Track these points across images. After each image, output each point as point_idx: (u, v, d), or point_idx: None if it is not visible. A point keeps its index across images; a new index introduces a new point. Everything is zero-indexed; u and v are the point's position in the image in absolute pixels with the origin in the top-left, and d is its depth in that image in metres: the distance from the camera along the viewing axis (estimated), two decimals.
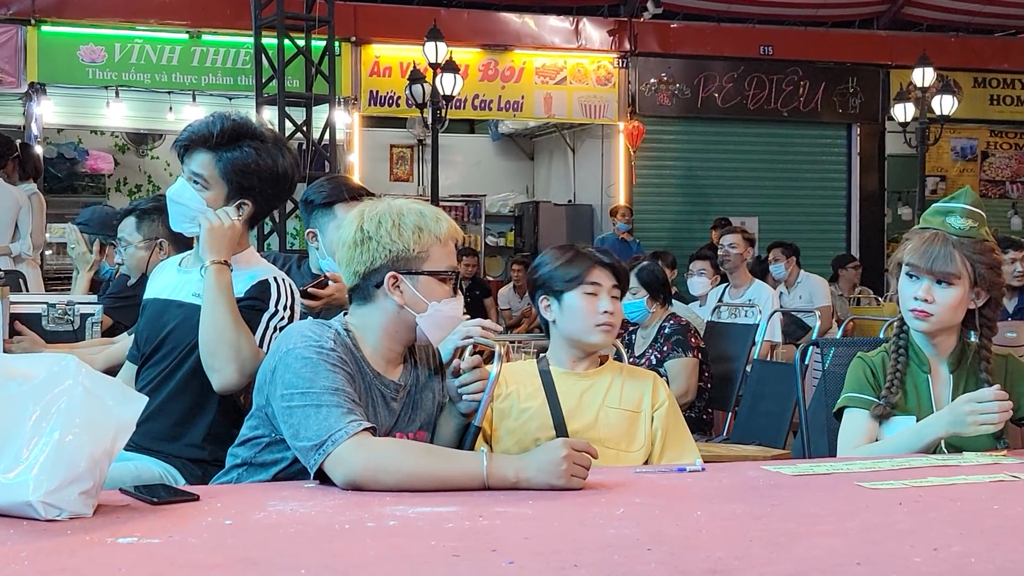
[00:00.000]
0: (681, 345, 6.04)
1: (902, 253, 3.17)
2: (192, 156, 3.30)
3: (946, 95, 14.33)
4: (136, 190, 15.73)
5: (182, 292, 3.36)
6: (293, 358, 2.56)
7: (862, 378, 3.21)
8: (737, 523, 2.20)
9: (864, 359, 3.25)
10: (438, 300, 2.72)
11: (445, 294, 2.73)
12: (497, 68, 14.46)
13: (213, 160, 3.28)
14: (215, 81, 13.51)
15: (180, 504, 2.27)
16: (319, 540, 2.02)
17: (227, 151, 3.27)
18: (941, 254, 3.08)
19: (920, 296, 3.11)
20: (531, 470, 2.43)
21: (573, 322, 3.31)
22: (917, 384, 3.20)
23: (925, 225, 3.17)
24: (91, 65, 13.06)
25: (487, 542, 2.00)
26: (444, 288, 2.73)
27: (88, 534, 2.02)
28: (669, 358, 6.02)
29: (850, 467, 2.81)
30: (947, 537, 2.07)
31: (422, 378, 2.84)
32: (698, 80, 15.11)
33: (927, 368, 3.21)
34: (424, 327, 2.75)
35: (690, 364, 6.02)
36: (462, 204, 16.22)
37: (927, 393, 3.19)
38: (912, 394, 3.18)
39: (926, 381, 3.20)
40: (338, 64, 12.89)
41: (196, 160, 3.30)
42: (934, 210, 3.18)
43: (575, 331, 3.31)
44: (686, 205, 15.09)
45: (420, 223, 2.71)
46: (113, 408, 2.18)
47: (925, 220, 3.19)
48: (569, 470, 2.42)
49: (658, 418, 3.29)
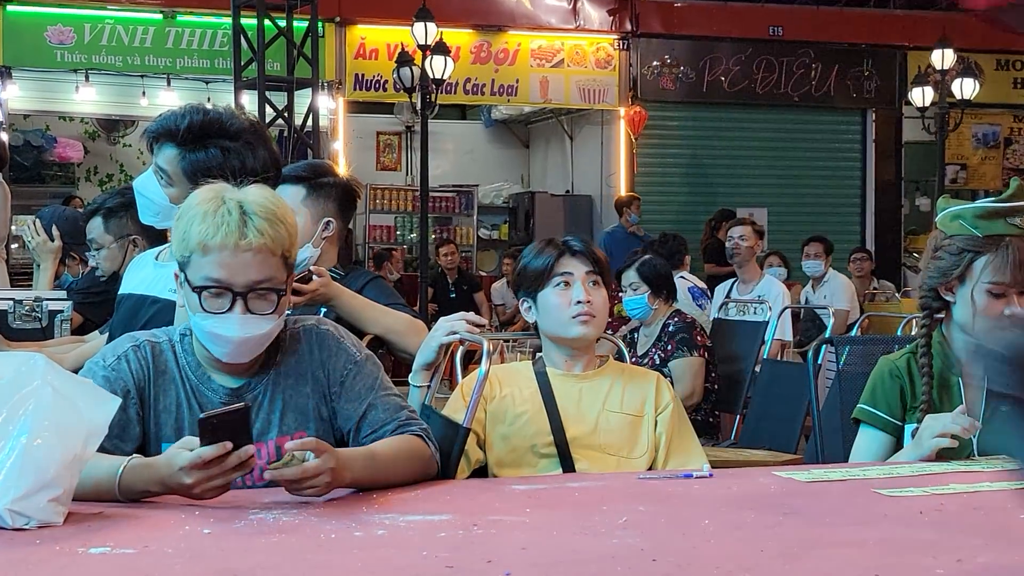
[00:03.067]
0: (686, 344, 6.05)
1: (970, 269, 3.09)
2: (161, 148, 3.29)
3: (967, 78, 14.34)
4: (107, 180, 15.74)
5: (158, 287, 3.36)
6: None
7: (882, 389, 3.18)
8: (747, 533, 2.20)
9: (889, 364, 3.22)
10: (194, 312, 2.58)
11: (196, 309, 2.57)
12: (490, 50, 14.47)
13: (178, 157, 3.27)
14: (191, 64, 13.51)
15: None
16: (303, 550, 2.01)
17: (192, 151, 3.25)
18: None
19: (1016, 312, 3.08)
20: (161, 489, 2.37)
21: (549, 318, 3.30)
22: (949, 386, 3.18)
23: (985, 230, 3.09)
24: (59, 47, 13.06)
25: (482, 552, 2.00)
26: (194, 300, 2.57)
27: (58, 544, 2.01)
28: (673, 357, 6.04)
29: (867, 473, 2.81)
30: (971, 548, 2.07)
31: (293, 375, 2.71)
32: (703, 63, 15.13)
33: (959, 371, 3.18)
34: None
35: (696, 364, 6.03)
36: (453, 195, 16.24)
37: (958, 396, 3.16)
38: (943, 398, 3.16)
39: (957, 384, 3.18)
40: (321, 46, 12.90)
41: (163, 154, 3.29)
42: (991, 211, 3.10)
43: (553, 328, 3.30)
44: (691, 196, 15.11)
45: (190, 225, 2.54)
46: (84, 410, 2.18)
47: (977, 224, 3.10)
48: (203, 493, 2.32)
49: (662, 422, 3.29)
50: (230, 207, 2.52)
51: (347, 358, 2.73)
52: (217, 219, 2.51)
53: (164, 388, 2.65)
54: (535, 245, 3.39)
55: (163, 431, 2.63)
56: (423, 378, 3.19)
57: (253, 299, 2.55)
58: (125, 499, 2.36)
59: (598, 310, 3.29)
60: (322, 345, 2.73)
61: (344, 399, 2.70)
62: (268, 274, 2.55)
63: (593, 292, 3.28)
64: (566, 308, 3.26)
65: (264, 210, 2.54)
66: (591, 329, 3.29)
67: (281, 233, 2.55)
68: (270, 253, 2.54)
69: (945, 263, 3.14)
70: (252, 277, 2.53)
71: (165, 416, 2.63)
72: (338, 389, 2.71)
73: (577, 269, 3.29)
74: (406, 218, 16.01)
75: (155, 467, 2.37)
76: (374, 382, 2.73)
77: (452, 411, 3.13)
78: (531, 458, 3.21)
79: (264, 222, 2.52)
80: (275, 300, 2.57)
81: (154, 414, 2.63)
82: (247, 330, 2.56)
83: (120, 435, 2.52)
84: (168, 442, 2.60)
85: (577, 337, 3.29)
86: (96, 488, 2.36)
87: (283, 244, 2.57)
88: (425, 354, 3.18)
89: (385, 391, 2.74)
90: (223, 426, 2.30)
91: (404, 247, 15.88)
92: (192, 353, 2.67)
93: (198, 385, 2.66)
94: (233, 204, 2.53)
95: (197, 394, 2.65)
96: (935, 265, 3.17)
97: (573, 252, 3.31)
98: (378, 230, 15.90)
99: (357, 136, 15.45)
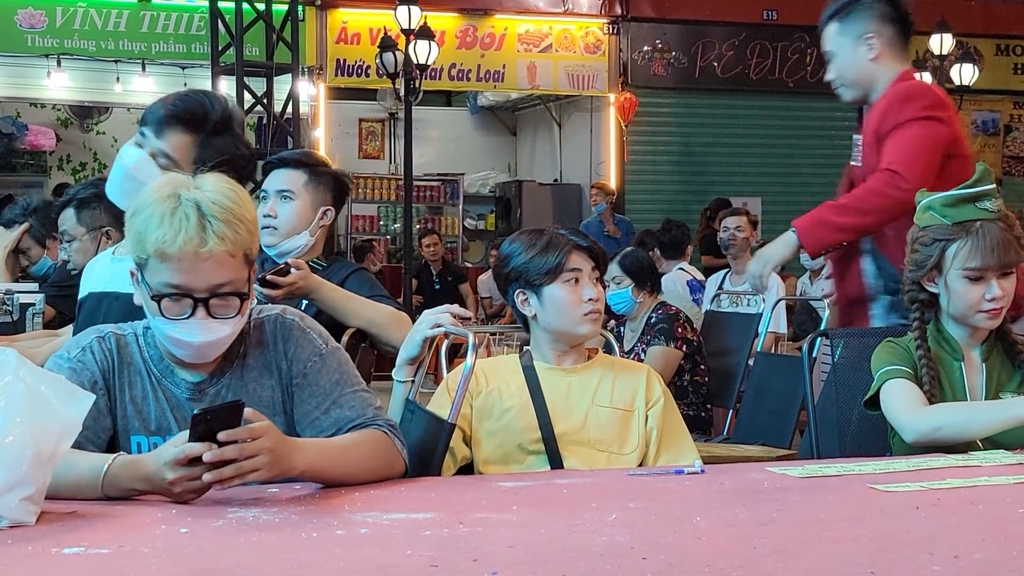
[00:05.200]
0: (664, 334, 6.09)
1: (944, 257, 3.18)
2: (168, 132, 3.27)
3: (966, 64, 14.38)
4: (80, 168, 15.69)
5: (118, 282, 3.34)
6: None
7: (897, 356, 3.22)
8: (740, 530, 2.20)
9: (895, 343, 3.28)
10: (153, 316, 2.57)
11: (156, 313, 2.55)
12: (476, 35, 14.45)
13: (192, 143, 3.27)
14: (166, 49, 13.47)
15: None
16: (284, 550, 2.01)
17: (215, 138, 3.27)
18: (1002, 245, 3.14)
19: (995, 296, 3.16)
20: (147, 486, 2.37)
21: (558, 315, 3.29)
22: (950, 373, 3.24)
23: (954, 218, 3.17)
24: (30, 31, 13.01)
25: (468, 551, 2.00)
26: (153, 305, 2.55)
27: (30, 544, 2.01)
28: (649, 346, 6.07)
29: (862, 468, 2.82)
30: (969, 543, 2.08)
31: (257, 368, 2.70)
32: (696, 48, 15.13)
33: (960, 356, 3.26)
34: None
35: (671, 355, 6.06)
36: (438, 184, 16.22)
37: (961, 383, 3.24)
38: (945, 384, 3.22)
39: (960, 369, 3.25)
40: (302, 30, 12.86)
41: (171, 138, 3.27)
42: (958, 198, 3.18)
43: (561, 324, 3.30)
44: (683, 185, 15.11)
45: (146, 227, 2.51)
46: (58, 406, 2.17)
47: (946, 212, 3.19)
48: (183, 493, 2.33)
49: (653, 416, 3.29)
50: (187, 210, 2.48)
51: (312, 350, 2.71)
52: (175, 224, 2.47)
53: (130, 380, 2.65)
54: (530, 237, 3.35)
55: (130, 423, 2.62)
56: (407, 373, 3.19)
57: (214, 303, 2.54)
58: (109, 496, 2.36)
59: (602, 308, 3.33)
60: (287, 336, 2.71)
61: (307, 391, 2.68)
62: (229, 277, 2.54)
63: (598, 290, 3.31)
64: (577, 305, 3.27)
65: (223, 211, 2.50)
66: (598, 327, 3.33)
67: (241, 234, 2.53)
68: (230, 256, 2.52)
69: (921, 255, 3.24)
70: (213, 281, 2.52)
71: (132, 408, 2.63)
72: (300, 380, 2.68)
73: (584, 265, 3.30)
74: (389, 208, 15.99)
75: (142, 463, 2.37)
76: (340, 377, 2.71)
77: (437, 407, 3.12)
78: (518, 454, 3.21)
79: (223, 225, 2.49)
80: (237, 303, 2.56)
81: (120, 406, 2.63)
82: (209, 334, 2.55)
83: (92, 427, 2.50)
84: (136, 435, 2.61)
85: (585, 334, 3.31)
86: (76, 485, 2.36)
87: (244, 245, 2.55)
88: (409, 348, 3.18)
89: (352, 387, 2.71)
90: (215, 423, 2.29)
91: (388, 238, 15.86)
92: (154, 347, 2.67)
93: (161, 379, 2.66)
94: (191, 206, 2.49)
95: (162, 387, 2.65)
96: (912, 259, 3.28)
97: (580, 248, 3.32)
98: (360, 220, 15.87)
99: (339, 123, 15.43)
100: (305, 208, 3.84)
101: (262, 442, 2.33)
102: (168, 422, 2.62)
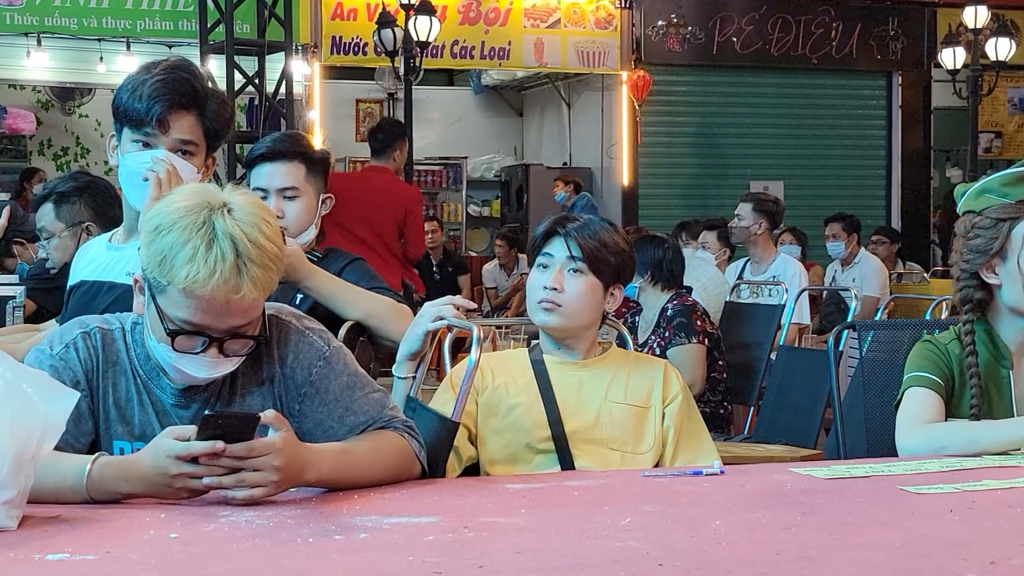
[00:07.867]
0: (684, 329, 6.02)
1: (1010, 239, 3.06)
2: (175, 121, 3.27)
3: (1002, 37, 14.33)
4: (63, 153, 15.71)
5: (114, 272, 3.35)
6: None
7: (930, 362, 3.13)
8: (762, 534, 2.21)
9: (933, 343, 3.18)
10: (159, 341, 2.53)
11: (163, 339, 2.51)
12: (480, 9, 14.43)
13: (197, 120, 3.28)
14: (152, 26, 13.46)
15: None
16: (279, 556, 2.02)
17: (208, 105, 3.30)
18: None
19: None
20: (141, 487, 2.37)
21: (528, 299, 3.33)
22: (998, 383, 3.16)
23: (1018, 195, 3.07)
24: (8, 8, 13.00)
25: (473, 557, 2.01)
26: (161, 332, 2.51)
27: (12, 550, 2.01)
28: (671, 345, 6.01)
29: (893, 469, 2.82)
30: (1005, 548, 2.08)
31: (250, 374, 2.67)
32: (713, 22, 15.10)
33: (1010, 364, 3.17)
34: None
35: (696, 352, 6.01)
36: (440, 168, 16.23)
37: (1008, 393, 3.15)
38: (993, 395, 3.14)
39: (1008, 378, 3.16)
40: (295, 6, 12.85)
41: (181, 125, 3.26)
42: (1018, 176, 3.09)
43: (528, 309, 3.34)
44: (700, 168, 15.10)
45: (173, 253, 2.41)
46: (40, 405, 2.18)
47: (1006, 191, 3.08)
48: (182, 490, 2.34)
49: (670, 414, 3.29)
50: (223, 247, 2.40)
51: (315, 353, 2.68)
52: (209, 263, 2.39)
53: (115, 381, 2.63)
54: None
55: (113, 427, 2.61)
56: (408, 368, 3.19)
57: (229, 343, 2.52)
58: (94, 500, 2.36)
59: (566, 301, 3.24)
60: (284, 340, 2.68)
61: (317, 400, 2.65)
62: (251, 317, 2.53)
63: (569, 281, 3.25)
64: (535, 291, 3.28)
65: (260, 253, 2.43)
66: (553, 319, 3.26)
67: (273, 277, 2.49)
68: (260, 300, 2.51)
69: (982, 240, 3.11)
70: (234, 323, 2.50)
71: (116, 412, 2.62)
72: (308, 389, 2.66)
73: (559, 252, 3.27)
74: None
75: (135, 461, 2.37)
76: (350, 380, 2.69)
77: (440, 404, 3.13)
78: (527, 454, 3.21)
79: (259, 270, 2.43)
80: (251, 344, 2.55)
81: (104, 408, 2.62)
82: (215, 371, 2.55)
83: (73, 430, 2.47)
84: (120, 440, 2.60)
85: (540, 324, 3.30)
86: (57, 489, 2.35)
87: (274, 286, 2.52)
88: (410, 342, 3.18)
89: (364, 390, 2.70)
90: (226, 429, 2.29)
91: None
92: (142, 345, 2.64)
93: (148, 382, 2.64)
94: (227, 244, 2.40)
95: (148, 391, 2.64)
96: (971, 246, 3.13)
97: (560, 234, 3.30)
98: None
99: (334, 104, 15.42)
100: (311, 202, 3.84)
101: (270, 459, 2.34)
102: (152, 428, 2.59)
